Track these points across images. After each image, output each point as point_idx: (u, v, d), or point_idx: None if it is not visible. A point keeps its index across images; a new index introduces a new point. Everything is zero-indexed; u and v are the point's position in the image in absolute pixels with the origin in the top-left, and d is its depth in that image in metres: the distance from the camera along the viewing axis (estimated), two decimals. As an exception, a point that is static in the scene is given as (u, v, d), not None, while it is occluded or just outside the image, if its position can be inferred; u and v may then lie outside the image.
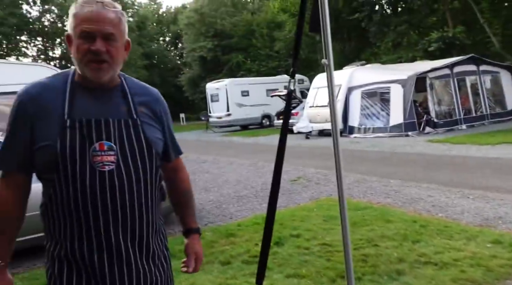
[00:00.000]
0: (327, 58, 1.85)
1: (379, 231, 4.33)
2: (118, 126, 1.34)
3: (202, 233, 4.80)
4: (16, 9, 34.45)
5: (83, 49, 1.28)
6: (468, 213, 4.88)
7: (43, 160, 1.30)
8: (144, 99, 1.45)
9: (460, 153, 9.17)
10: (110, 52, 1.30)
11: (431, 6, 22.21)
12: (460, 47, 20.46)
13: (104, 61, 1.30)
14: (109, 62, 1.31)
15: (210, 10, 34.65)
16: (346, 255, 1.98)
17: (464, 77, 14.65)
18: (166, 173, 1.62)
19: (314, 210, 5.44)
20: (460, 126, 14.02)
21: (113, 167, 1.31)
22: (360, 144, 12.21)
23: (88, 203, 1.29)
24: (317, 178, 7.71)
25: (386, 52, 24.75)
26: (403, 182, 6.80)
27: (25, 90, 1.34)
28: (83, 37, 1.28)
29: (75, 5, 1.31)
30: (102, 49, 1.28)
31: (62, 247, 1.34)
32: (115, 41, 1.31)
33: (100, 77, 1.32)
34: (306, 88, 22.32)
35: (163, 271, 1.49)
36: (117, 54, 1.33)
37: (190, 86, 36.53)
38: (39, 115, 1.30)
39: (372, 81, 14.31)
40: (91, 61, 1.29)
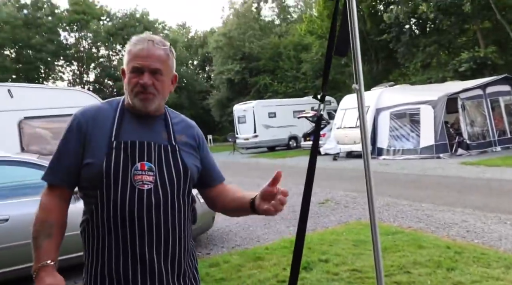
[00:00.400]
0: (357, 83, 1.84)
1: (411, 258, 4.19)
2: (159, 149, 1.46)
3: (229, 256, 4.78)
4: (54, 36, 36.21)
5: (133, 82, 1.43)
6: (506, 239, 4.67)
7: (89, 176, 1.41)
8: (184, 129, 1.60)
9: (495, 176, 8.85)
10: (156, 85, 1.44)
11: (461, 26, 21.91)
12: (492, 67, 19.99)
13: (150, 93, 1.44)
14: (154, 94, 1.45)
15: (238, 33, 35.32)
16: (378, 283, 1.93)
17: (498, 98, 14.25)
18: (211, 198, 1.72)
19: (343, 234, 5.33)
20: (494, 148, 13.56)
21: (151, 186, 1.42)
22: (389, 166, 11.98)
23: (126, 220, 1.39)
24: (345, 201, 7.59)
25: (415, 72, 24.46)
26: (435, 206, 6.60)
27: (83, 111, 1.50)
28: (134, 71, 1.43)
29: (130, 43, 1.47)
30: (148, 82, 1.42)
31: (99, 263, 1.43)
32: (161, 75, 1.46)
33: (146, 107, 1.46)
34: (334, 109, 22.20)
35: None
36: (162, 87, 1.48)
37: (217, 108, 37.02)
38: (91, 134, 1.43)
39: (401, 102, 14.11)
40: (139, 93, 1.44)
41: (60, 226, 1.45)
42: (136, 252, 1.41)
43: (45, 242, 1.40)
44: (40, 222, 1.42)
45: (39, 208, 1.44)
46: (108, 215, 1.40)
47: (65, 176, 1.45)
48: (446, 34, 22.12)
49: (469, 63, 19.08)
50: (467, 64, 19.13)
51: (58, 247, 1.45)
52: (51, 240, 1.42)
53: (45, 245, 1.40)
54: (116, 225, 1.39)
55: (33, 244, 1.42)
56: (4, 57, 34.22)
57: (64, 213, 1.47)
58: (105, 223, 1.40)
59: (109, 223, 1.40)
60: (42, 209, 1.44)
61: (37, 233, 1.42)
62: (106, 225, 1.40)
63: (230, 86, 35.98)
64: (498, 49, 20.75)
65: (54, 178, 1.46)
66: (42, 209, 1.44)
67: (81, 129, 1.44)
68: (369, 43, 26.95)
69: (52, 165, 1.47)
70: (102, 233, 1.41)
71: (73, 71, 40.93)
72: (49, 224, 1.42)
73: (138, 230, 1.40)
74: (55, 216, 1.44)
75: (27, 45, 34.59)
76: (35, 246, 1.41)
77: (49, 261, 1.40)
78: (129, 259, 1.41)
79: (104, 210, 1.40)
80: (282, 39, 36.05)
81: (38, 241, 1.41)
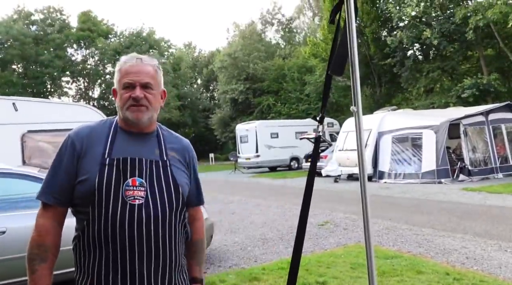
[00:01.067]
0: (356, 105, 1.87)
1: (409, 283, 4.15)
2: (150, 165, 1.49)
3: (225, 275, 4.74)
4: (61, 52, 36.72)
5: (126, 97, 1.50)
6: (505, 267, 4.62)
7: (82, 192, 1.43)
8: (175, 146, 1.63)
9: (497, 203, 8.79)
10: (147, 98, 1.50)
11: (464, 52, 22.13)
12: (495, 94, 20.10)
13: (142, 105, 1.50)
14: (147, 106, 1.51)
15: (243, 54, 35.74)
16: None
17: (500, 125, 14.27)
18: None
19: (342, 257, 5.29)
20: (496, 174, 13.50)
21: (142, 201, 1.43)
22: (390, 190, 11.93)
23: (117, 234, 1.40)
24: (345, 223, 7.54)
25: (418, 97, 24.58)
26: (435, 231, 6.55)
27: (77, 130, 1.54)
28: (125, 87, 1.50)
29: (119, 63, 1.54)
30: (140, 95, 1.49)
31: (89, 278, 1.44)
32: (151, 89, 1.52)
33: (139, 118, 1.50)
34: (336, 132, 22.28)
35: None
36: (154, 100, 1.53)
37: (220, 127, 37.17)
38: (85, 152, 1.47)
39: (404, 127, 14.15)
40: (132, 106, 1.49)
41: (55, 249, 1.47)
42: (126, 267, 1.41)
43: (40, 266, 1.42)
44: (36, 245, 1.44)
45: (34, 230, 1.46)
46: (99, 231, 1.41)
47: (59, 195, 1.47)
48: (450, 60, 22.33)
49: (472, 90, 19.18)
50: (470, 90, 19.24)
51: (52, 271, 1.47)
52: (46, 264, 1.44)
53: (41, 270, 1.42)
54: (107, 240, 1.41)
55: (28, 267, 1.44)
56: (11, 72, 34.66)
57: (59, 235, 1.49)
58: (97, 238, 1.42)
59: (100, 239, 1.42)
60: (38, 231, 1.45)
61: (32, 255, 1.43)
62: (97, 240, 1.42)
63: (233, 105, 36.21)
64: (501, 77, 20.89)
65: (48, 197, 1.48)
66: (38, 232, 1.45)
67: (75, 148, 1.48)
68: (372, 67, 27.20)
69: (47, 184, 1.49)
70: (94, 248, 1.43)
71: (78, 87, 41.39)
72: (44, 248, 1.44)
73: (129, 245, 1.41)
74: (51, 239, 1.46)
75: (35, 60, 35.06)
76: (30, 269, 1.43)
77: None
78: (119, 274, 1.41)
79: (95, 225, 1.42)
80: (287, 61, 36.44)
81: (34, 265, 1.42)
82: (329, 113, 28.65)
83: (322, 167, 16.33)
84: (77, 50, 39.62)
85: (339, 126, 22.36)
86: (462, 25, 19.13)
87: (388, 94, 27.66)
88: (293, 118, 28.81)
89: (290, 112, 31.57)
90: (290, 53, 39.19)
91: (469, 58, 23.76)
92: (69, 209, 1.52)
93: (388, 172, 14.18)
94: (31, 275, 1.42)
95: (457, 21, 18.92)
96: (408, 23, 21.70)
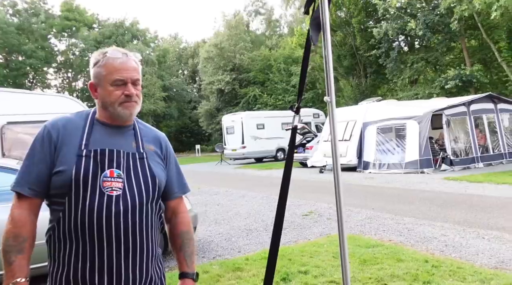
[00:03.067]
0: (329, 95, 1.89)
1: (389, 270, 4.22)
2: (127, 157, 1.50)
3: (209, 266, 4.75)
4: (45, 42, 35.98)
5: (117, 94, 1.50)
6: (483, 254, 4.74)
7: (58, 184, 1.43)
8: (152, 139, 1.64)
9: (477, 192, 8.97)
10: (137, 94, 1.54)
11: (448, 44, 22.38)
12: (478, 85, 20.40)
13: (134, 101, 1.53)
14: (137, 101, 1.54)
15: (229, 45, 35.53)
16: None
17: (481, 115, 14.50)
18: (168, 213, 1.72)
19: (324, 246, 5.35)
20: (477, 164, 13.76)
21: (120, 192, 1.44)
22: (374, 180, 12.07)
23: (94, 225, 1.41)
24: (329, 213, 7.62)
25: (402, 88, 24.83)
26: (416, 220, 6.67)
27: (53, 121, 1.53)
28: (116, 84, 1.50)
29: (102, 57, 1.51)
30: (133, 92, 1.51)
31: (65, 269, 1.43)
32: (139, 85, 1.55)
33: (132, 113, 1.53)
34: (322, 122, 22.40)
35: None
36: (140, 95, 1.57)
37: (206, 118, 37.04)
38: (61, 143, 1.47)
39: (388, 117, 14.29)
40: (124, 102, 1.50)
41: (32, 240, 1.46)
42: (103, 257, 1.42)
43: (17, 257, 1.41)
44: (12, 236, 1.41)
45: (10, 221, 1.44)
46: (75, 221, 1.41)
47: (35, 186, 1.45)
48: (434, 51, 22.57)
49: (455, 81, 19.45)
50: (453, 81, 19.50)
51: (29, 262, 1.45)
52: (23, 255, 1.42)
53: (18, 261, 1.41)
54: (83, 230, 1.41)
55: (4, 259, 1.41)
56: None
57: (35, 226, 1.48)
58: (73, 229, 1.42)
59: (76, 230, 1.41)
60: (14, 222, 1.43)
61: (8, 247, 1.41)
62: (74, 231, 1.42)
63: (219, 96, 36.09)
64: (483, 68, 21.21)
65: (24, 188, 1.46)
66: (15, 223, 1.43)
67: (51, 138, 1.47)
68: (358, 58, 27.33)
69: (22, 175, 1.47)
70: (70, 239, 1.43)
71: (62, 78, 40.70)
72: (21, 239, 1.42)
73: (105, 236, 1.41)
74: (27, 230, 1.44)
75: (17, 50, 34.31)
76: (6, 261, 1.41)
77: (23, 278, 1.41)
78: (96, 264, 1.42)
79: (71, 216, 1.41)
80: (273, 52, 36.36)
81: (10, 257, 1.40)
82: (315, 104, 28.76)
83: (308, 158, 16.44)
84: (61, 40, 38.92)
85: (325, 117, 22.49)
86: (446, 16, 19.30)
87: (374, 85, 27.88)
88: (279, 109, 28.86)
89: (276, 103, 31.60)
90: (277, 43, 39.10)
91: (452, 49, 24.05)
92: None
93: (373, 163, 14.33)
94: (8, 267, 1.40)
95: (441, 12, 19.08)
96: (393, 14, 21.82)
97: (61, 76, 40.61)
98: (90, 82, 1.56)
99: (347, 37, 27.53)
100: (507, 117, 15.34)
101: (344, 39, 27.49)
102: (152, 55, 38.59)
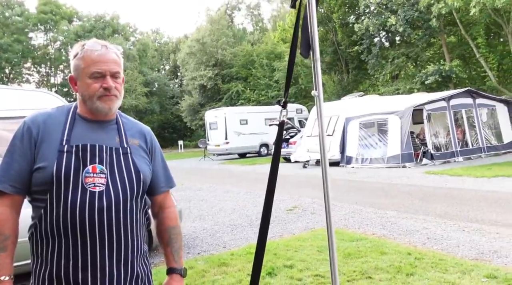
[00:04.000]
0: (316, 89, 1.88)
1: (373, 263, 4.28)
2: (110, 152, 1.46)
3: (194, 261, 4.72)
4: (22, 36, 35.10)
5: (95, 87, 1.45)
6: (463, 246, 4.84)
7: (39, 180, 1.39)
8: (135, 133, 1.59)
9: (457, 185, 9.16)
10: (117, 87, 1.49)
11: (428, 40, 22.69)
12: (457, 81, 20.77)
13: (113, 95, 1.48)
14: (117, 95, 1.49)
15: (211, 40, 35.29)
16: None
17: (461, 110, 14.79)
18: (155, 208, 1.69)
19: (309, 241, 5.39)
20: (457, 158, 14.05)
21: (103, 188, 1.41)
22: (357, 175, 12.20)
23: (77, 221, 1.37)
24: (313, 208, 7.67)
25: (384, 83, 25.09)
26: (399, 213, 6.77)
27: (32, 117, 1.48)
28: (94, 77, 1.45)
29: (81, 49, 1.46)
30: (112, 85, 1.46)
31: (48, 267, 1.40)
32: (119, 78, 1.50)
33: (110, 108, 1.48)
34: (305, 118, 22.50)
35: None
36: (120, 88, 1.52)
37: (189, 113, 36.76)
38: (42, 139, 1.42)
39: (370, 112, 14.45)
40: (103, 96, 1.46)
41: (14, 238, 1.42)
42: (86, 255, 1.39)
43: (0, 256, 1.37)
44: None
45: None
46: (58, 219, 1.38)
47: (16, 183, 1.42)
48: (414, 47, 22.85)
49: (435, 76, 19.75)
50: (433, 76, 19.79)
51: (13, 260, 1.42)
52: (6, 253, 1.39)
53: (1, 260, 1.38)
54: (66, 227, 1.38)
55: None
56: (-34, 57, 32.98)
57: (17, 223, 1.45)
58: (55, 226, 1.38)
59: (59, 227, 1.38)
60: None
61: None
62: (56, 228, 1.38)
63: (202, 92, 35.85)
64: (462, 63, 21.59)
65: (5, 185, 1.41)
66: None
67: (31, 134, 1.43)
68: (340, 53, 27.48)
69: (2, 173, 1.43)
70: (52, 237, 1.40)
71: (40, 73, 39.83)
72: (3, 237, 1.39)
73: (89, 233, 1.38)
74: (9, 227, 1.41)
75: (-8, 44, 33.45)
76: None
77: (6, 277, 1.38)
78: (79, 261, 1.39)
79: (53, 213, 1.38)
80: (255, 47, 36.27)
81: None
82: (298, 99, 28.84)
83: (291, 153, 16.50)
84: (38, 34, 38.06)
85: (308, 112, 22.59)
86: (426, 12, 19.56)
87: (356, 80, 28.09)
88: (262, 104, 28.83)
89: (259, 99, 31.54)
90: (259, 39, 39.02)
91: (432, 45, 24.40)
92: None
93: (356, 157, 14.48)
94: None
95: (421, 9, 19.32)
96: (373, 10, 21.98)
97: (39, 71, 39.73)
98: (70, 75, 1.52)
99: (328, 33, 27.64)
100: (485, 112, 15.68)
101: (325, 35, 27.58)
102: (132, 49, 38.05)
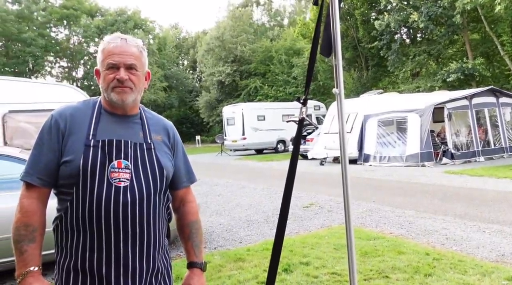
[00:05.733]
0: (338, 88, 1.87)
1: (390, 263, 4.24)
2: (135, 148, 1.49)
3: (211, 256, 4.77)
4: (45, 31, 35.76)
5: (110, 78, 1.48)
6: (483, 247, 4.76)
7: (66, 173, 1.43)
8: (159, 128, 1.62)
9: (477, 185, 8.99)
10: (131, 79, 1.49)
11: (451, 37, 22.24)
12: (480, 79, 20.32)
13: (127, 86, 1.48)
14: (131, 87, 1.50)
15: (231, 36, 35.32)
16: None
17: (483, 109, 14.47)
18: (176, 202, 1.72)
19: (325, 238, 5.37)
20: (478, 158, 13.76)
21: (127, 183, 1.43)
22: (375, 173, 12.08)
23: (102, 216, 1.40)
24: (329, 205, 7.64)
25: (404, 81, 24.74)
26: (417, 213, 6.68)
27: (60, 110, 1.51)
28: (109, 68, 1.48)
29: (103, 42, 1.51)
30: (125, 77, 1.47)
31: (72, 258, 1.44)
32: (136, 70, 1.50)
33: (123, 100, 1.49)
34: (322, 115, 22.36)
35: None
36: (138, 81, 1.52)
37: (207, 109, 36.96)
38: (69, 132, 1.46)
39: (389, 110, 14.26)
40: (116, 87, 1.48)
41: (42, 229, 1.46)
42: (110, 247, 1.42)
43: (29, 247, 1.41)
44: (23, 226, 1.41)
45: (19, 211, 1.43)
46: (83, 212, 1.41)
47: (44, 176, 1.45)
48: (436, 44, 22.43)
49: (457, 74, 19.37)
50: (455, 74, 19.42)
51: (41, 251, 1.45)
52: (35, 244, 1.42)
53: (30, 250, 1.41)
54: (91, 221, 1.41)
55: (16, 248, 1.41)
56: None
57: (44, 215, 1.48)
58: (80, 219, 1.41)
59: (84, 220, 1.41)
60: (24, 212, 1.43)
61: (20, 237, 1.41)
62: (81, 221, 1.41)
63: (220, 87, 35.97)
64: (486, 61, 21.11)
65: (33, 178, 1.45)
66: (24, 212, 1.43)
67: (59, 127, 1.46)
68: (360, 50, 27.19)
69: (31, 165, 1.47)
70: (77, 229, 1.43)
71: (62, 66, 40.54)
72: (32, 228, 1.42)
73: (113, 227, 1.41)
74: (37, 219, 1.44)
75: (17, 39, 34.11)
76: (18, 250, 1.41)
77: (36, 267, 1.41)
78: (103, 255, 1.42)
79: (79, 206, 1.41)
80: (274, 43, 36.17)
81: (22, 246, 1.40)
82: (316, 96, 28.68)
83: (308, 150, 16.44)
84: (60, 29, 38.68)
85: (326, 109, 22.46)
86: (449, 8, 19.16)
87: (375, 78, 27.76)
88: (280, 100, 28.79)
89: (277, 95, 31.50)
90: (279, 34, 38.87)
91: (455, 42, 23.91)
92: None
93: (374, 155, 14.33)
94: (20, 256, 1.40)
95: (444, 5, 18.94)
96: (395, 6, 21.64)
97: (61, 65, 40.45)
98: (95, 68, 1.56)
99: (349, 29, 27.36)
100: (509, 111, 15.31)
101: (346, 31, 27.33)
102: (152, 43, 38.35)
